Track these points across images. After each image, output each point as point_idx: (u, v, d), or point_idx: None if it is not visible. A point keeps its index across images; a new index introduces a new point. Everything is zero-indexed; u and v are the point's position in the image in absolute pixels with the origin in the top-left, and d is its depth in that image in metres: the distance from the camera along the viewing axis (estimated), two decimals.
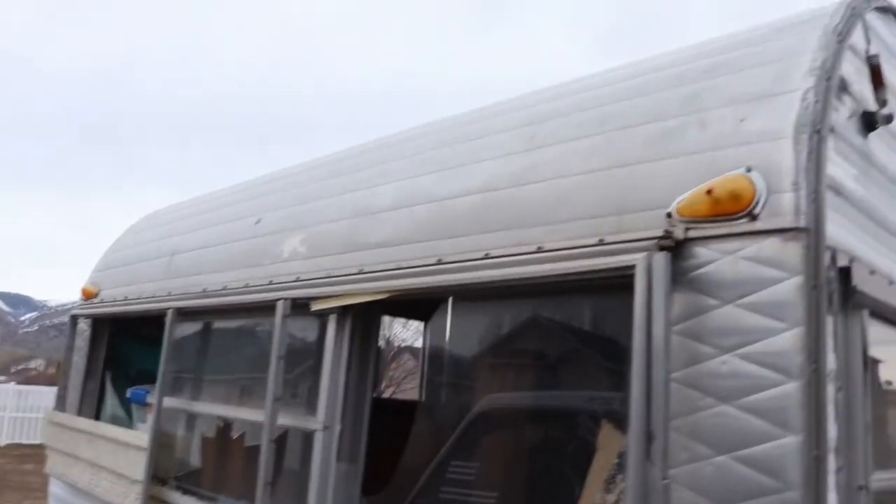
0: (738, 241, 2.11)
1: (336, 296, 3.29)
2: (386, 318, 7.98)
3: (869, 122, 2.50)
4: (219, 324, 4.53)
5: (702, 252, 2.17)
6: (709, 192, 2.16)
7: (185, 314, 4.51)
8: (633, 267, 2.20)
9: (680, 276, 2.19)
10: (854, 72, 2.46)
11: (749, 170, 2.14)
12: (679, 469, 2.10)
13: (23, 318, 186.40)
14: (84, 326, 6.00)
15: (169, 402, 4.48)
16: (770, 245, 2.06)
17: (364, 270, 3.23)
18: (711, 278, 2.14)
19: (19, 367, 67.98)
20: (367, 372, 3.43)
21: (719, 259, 2.13)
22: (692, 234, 2.19)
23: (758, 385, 2.01)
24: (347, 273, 3.31)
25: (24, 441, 20.78)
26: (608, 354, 2.49)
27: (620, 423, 2.32)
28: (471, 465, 3.30)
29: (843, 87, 2.39)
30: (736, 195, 2.12)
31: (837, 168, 2.27)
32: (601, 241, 2.37)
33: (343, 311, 3.33)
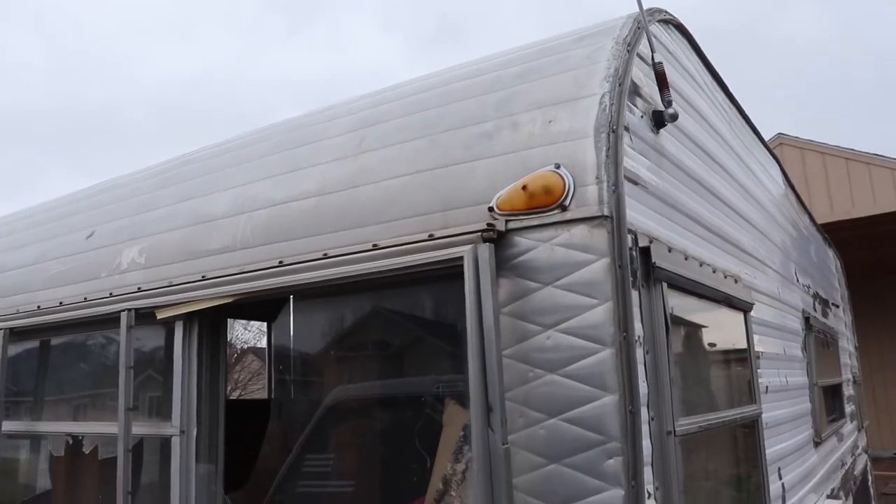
0: (552, 230, 2.41)
1: (182, 303, 3.36)
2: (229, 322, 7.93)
3: (658, 121, 2.86)
4: (58, 340, 4.45)
5: (521, 241, 2.45)
6: (524, 187, 2.44)
7: (19, 334, 4.40)
8: (461, 258, 2.45)
9: (504, 264, 2.47)
10: (643, 77, 2.82)
11: (558, 166, 2.44)
12: (517, 434, 2.38)
13: None
14: None
15: (8, 426, 4.38)
16: (579, 232, 2.37)
17: (206, 276, 3.32)
18: (531, 264, 2.43)
19: None
20: (218, 374, 3.52)
21: (537, 247, 2.42)
22: (512, 225, 2.47)
23: (577, 355, 2.32)
24: (190, 280, 3.39)
25: None
26: (446, 340, 2.73)
27: (462, 400, 2.58)
28: (326, 456, 3.46)
29: (635, 91, 2.74)
30: (548, 189, 2.41)
31: (633, 162, 2.61)
32: (431, 236, 2.60)
33: (189, 318, 3.40)
